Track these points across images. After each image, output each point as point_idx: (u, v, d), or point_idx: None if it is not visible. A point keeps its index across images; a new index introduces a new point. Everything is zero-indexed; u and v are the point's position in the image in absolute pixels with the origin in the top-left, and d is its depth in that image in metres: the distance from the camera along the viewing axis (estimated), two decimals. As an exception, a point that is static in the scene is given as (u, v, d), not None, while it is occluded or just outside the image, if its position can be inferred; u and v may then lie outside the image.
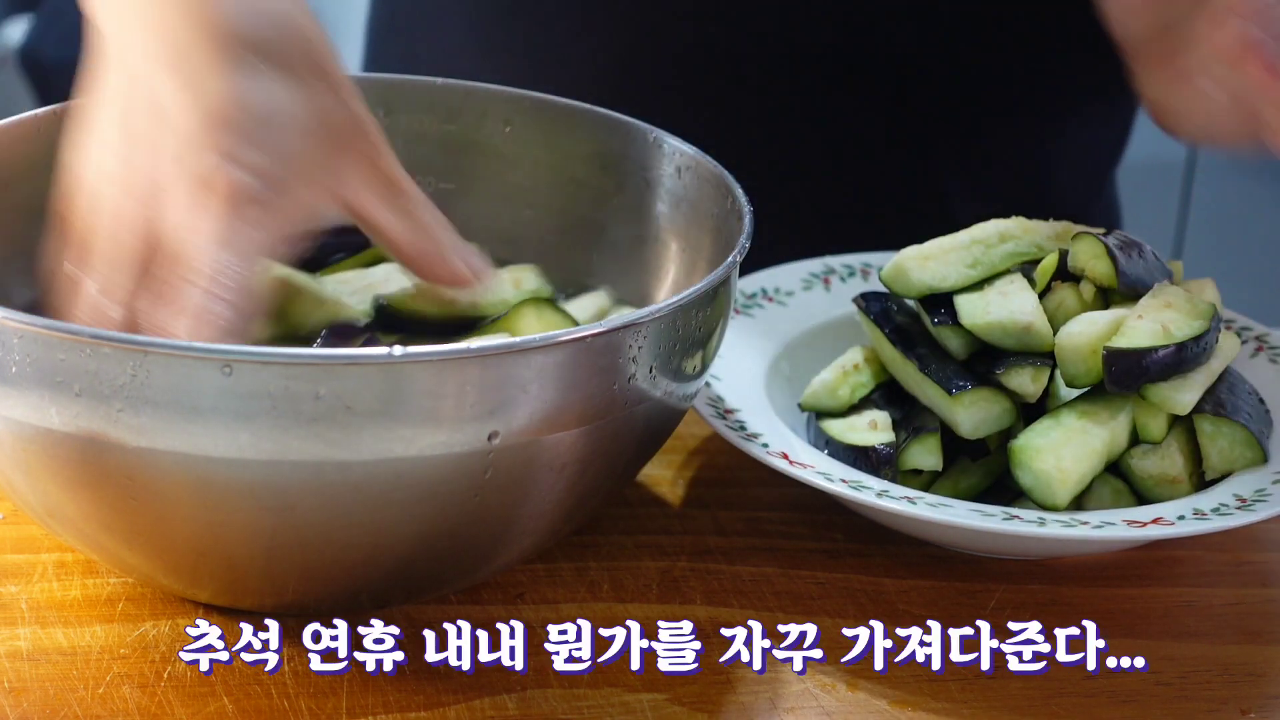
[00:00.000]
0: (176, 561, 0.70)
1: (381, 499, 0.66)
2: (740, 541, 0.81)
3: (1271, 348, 0.90)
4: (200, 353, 0.62)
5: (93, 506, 0.68)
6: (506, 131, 0.89)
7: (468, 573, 0.74)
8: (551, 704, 0.70)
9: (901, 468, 0.82)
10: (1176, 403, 0.80)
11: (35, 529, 0.78)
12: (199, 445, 0.63)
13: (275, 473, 0.64)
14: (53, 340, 0.63)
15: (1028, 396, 0.82)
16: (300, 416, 0.63)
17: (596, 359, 0.67)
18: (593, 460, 0.70)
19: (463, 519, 0.68)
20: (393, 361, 0.63)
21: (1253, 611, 0.79)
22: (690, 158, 0.83)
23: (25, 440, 0.66)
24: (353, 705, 0.70)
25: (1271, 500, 0.78)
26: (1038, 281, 0.85)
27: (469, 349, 0.65)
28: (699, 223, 0.83)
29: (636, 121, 0.86)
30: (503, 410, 0.65)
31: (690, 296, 0.70)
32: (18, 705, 0.69)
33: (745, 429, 0.81)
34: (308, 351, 0.68)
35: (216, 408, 0.63)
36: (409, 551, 0.69)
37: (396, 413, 0.64)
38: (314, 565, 0.69)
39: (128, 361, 0.62)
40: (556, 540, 0.77)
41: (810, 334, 0.91)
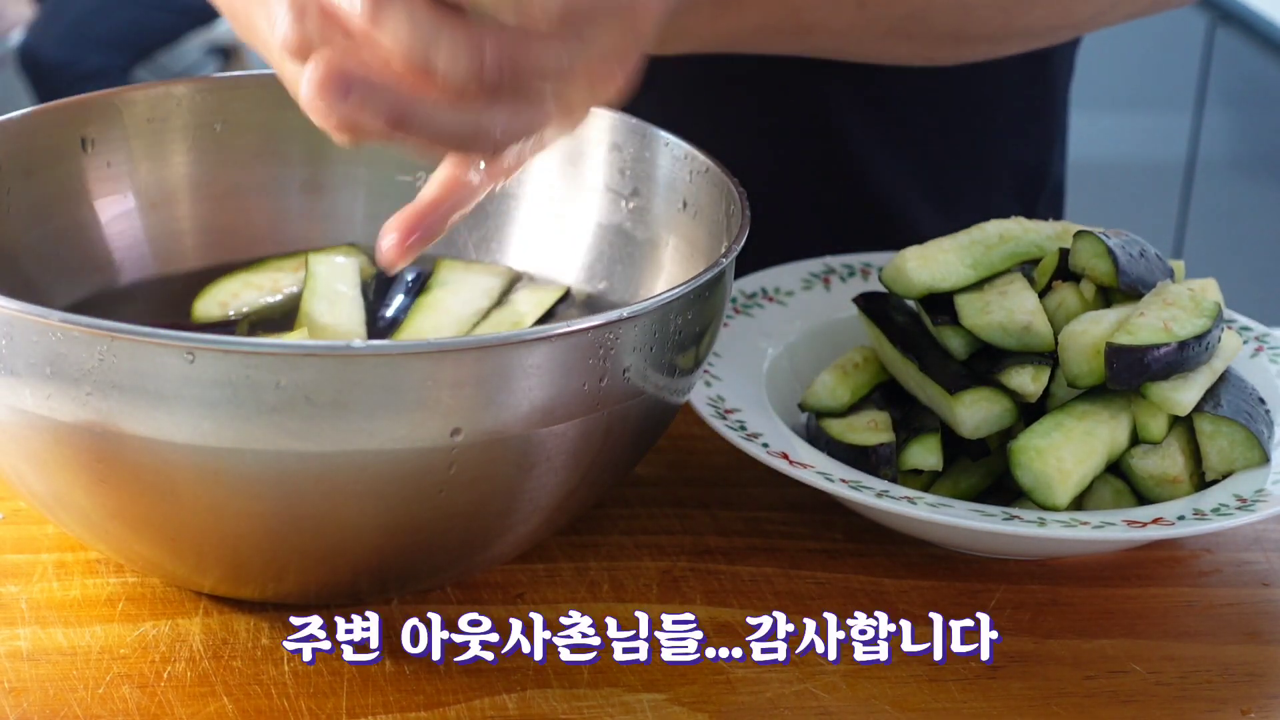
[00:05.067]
0: (150, 543, 0.71)
1: (344, 491, 0.66)
2: (740, 541, 0.81)
3: (1271, 348, 0.90)
4: (164, 339, 0.63)
5: (65, 487, 0.69)
6: None
7: (442, 569, 0.74)
8: (551, 704, 0.70)
9: (901, 468, 0.82)
10: (1177, 403, 0.80)
11: (35, 529, 0.78)
12: (163, 431, 0.64)
13: (238, 461, 0.65)
14: (26, 323, 0.65)
15: (1028, 396, 0.82)
16: (261, 406, 0.64)
17: (567, 357, 0.67)
18: (573, 457, 0.70)
19: (429, 514, 0.69)
20: (352, 354, 0.64)
21: (1253, 611, 0.79)
22: (700, 161, 0.83)
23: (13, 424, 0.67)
24: (352, 705, 0.70)
25: (1271, 500, 0.78)
26: (1038, 281, 0.85)
27: (429, 344, 0.66)
28: (702, 224, 0.83)
29: (648, 124, 0.86)
30: (467, 406, 0.66)
31: (669, 298, 0.70)
32: (18, 705, 0.69)
33: (745, 429, 0.81)
34: (268, 341, 0.69)
35: (180, 394, 0.64)
36: (378, 544, 0.70)
37: (356, 405, 0.64)
38: (281, 556, 0.70)
39: (95, 346, 0.64)
40: (548, 537, 0.78)
41: (810, 334, 0.91)
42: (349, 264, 0.88)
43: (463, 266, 0.89)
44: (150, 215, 0.88)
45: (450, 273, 0.88)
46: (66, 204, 0.85)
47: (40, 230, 0.84)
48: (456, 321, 0.85)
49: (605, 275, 0.88)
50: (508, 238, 0.90)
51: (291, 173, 0.90)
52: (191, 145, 0.88)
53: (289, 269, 0.88)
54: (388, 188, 0.91)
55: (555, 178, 0.89)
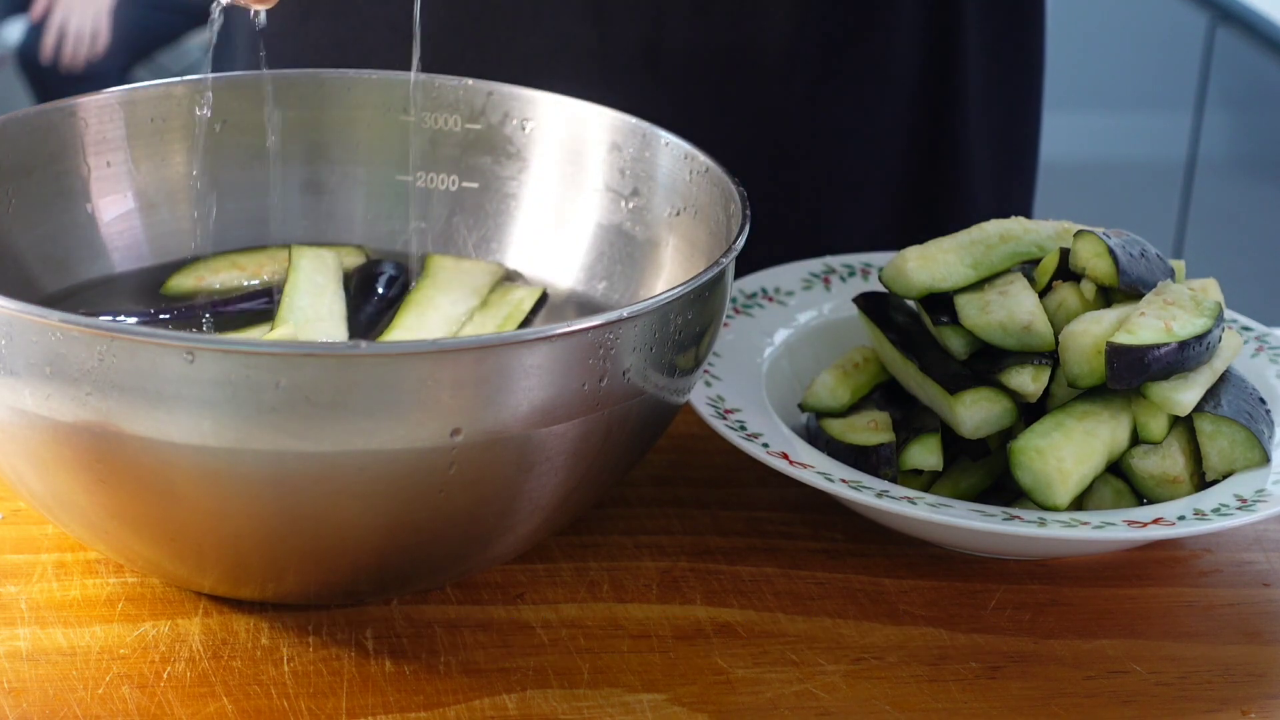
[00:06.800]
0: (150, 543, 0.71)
1: (344, 491, 0.66)
2: (740, 541, 0.81)
3: (1272, 348, 0.90)
4: (164, 339, 0.63)
5: (65, 487, 0.69)
6: (525, 132, 0.89)
7: (442, 569, 0.74)
8: (551, 704, 0.70)
9: (901, 468, 0.82)
10: (1177, 403, 0.80)
11: (35, 529, 0.78)
12: (163, 431, 0.64)
13: (238, 461, 0.65)
14: (26, 323, 0.65)
15: (1028, 396, 0.82)
16: (261, 406, 0.64)
17: (567, 357, 0.67)
18: (573, 458, 0.70)
19: (429, 514, 0.69)
20: (352, 354, 0.64)
21: (1253, 611, 0.79)
22: (700, 161, 0.83)
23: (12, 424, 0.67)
24: (352, 705, 0.70)
25: (1271, 500, 0.78)
26: (1038, 281, 0.85)
27: (429, 344, 0.66)
28: (702, 224, 0.83)
29: (651, 125, 0.86)
30: (467, 406, 0.66)
31: (669, 298, 0.70)
32: (17, 705, 0.69)
33: (745, 429, 0.81)
34: (268, 341, 0.69)
35: (180, 394, 0.64)
36: (378, 544, 0.70)
37: (356, 405, 0.64)
38: (281, 556, 0.70)
39: (95, 346, 0.64)
40: (548, 537, 0.78)
41: (810, 334, 0.91)
42: (331, 257, 0.88)
43: (453, 262, 0.89)
44: (150, 215, 0.88)
45: (440, 269, 0.88)
46: (66, 204, 0.85)
47: (40, 230, 0.84)
48: (446, 320, 0.85)
49: (605, 275, 0.88)
50: (507, 237, 0.90)
51: (291, 173, 0.90)
52: (191, 145, 0.88)
53: (280, 259, 0.89)
54: (388, 188, 0.91)
55: (555, 178, 0.89)
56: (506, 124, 0.89)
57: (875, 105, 1.07)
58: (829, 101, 1.05)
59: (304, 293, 0.85)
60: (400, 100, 0.89)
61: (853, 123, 1.07)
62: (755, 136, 1.05)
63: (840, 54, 1.04)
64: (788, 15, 1.02)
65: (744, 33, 1.02)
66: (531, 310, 0.87)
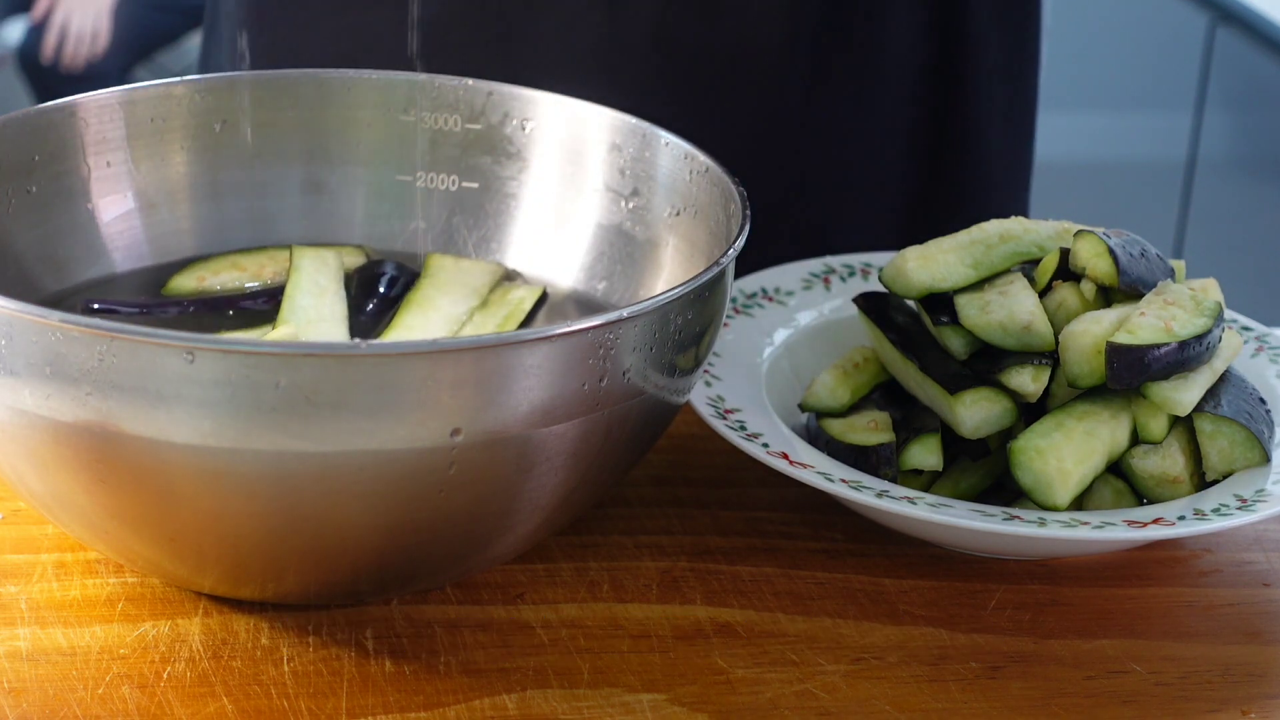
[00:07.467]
0: (150, 543, 0.71)
1: (344, 491, 0.66)
2: (740, 541, 0.81)
3: (1272, 348, 0.90)
4: (164, 339, 0.63)
5: (65, 487, 0.69)
6: (525, 131, 0.89)
7: (442, 569, 0.74)
8: (551, 704, 0.70)
9: (901, 468, 0.82)
10: (1177, 403, 0.80)
11: (35, 529, 0.78)
12: (163, 431, 0.64)
13: (238, 461, 0.65)
14: (26, 323, 0.65)
15: (1028, 396, 0.82)
16: (261, 406, 0.64)
17: (567, 357, 0.67)
18: (573, 458, 0.70)
19: (429, 514, 0.69)
20: (352, 354, 0.64)
21: (1253, 611, 0.79)
22: (700, 161, 0.83)
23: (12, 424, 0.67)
24: (352, 705, 0.70)
25: (1271, 500, 0.78)
26: (1038, 281, 0.85)
27: (429, 344, 0.66)
28: (702, 224, 0.83)
29: (651, 125, 0.86)
30: (467, 406, 0.66)
31: (669, 298, 0.70)
32: (17, 705, 0.69)
33: (745, 429, 0.81)
34: (268, 341, 0.69)
35: (180, 394, 0.64)
36: (378, 544, 0.70)
37: (356, 405, 0.64)
38: (280, 556, 0.70)
39: (95, 346, 0.64)
40: (548, 537, 0.77)
41: (810, 334, 0.91)
42: (332, 257, 0.88)
43: (452, 262, 0.89)
44: (150, 215, 0.88)
45: (440, 269, 0.88)
46: (66, 204, 0.85)
47: (40, 230, 0.84)
48: (446, 320, 0.85)
49: (605, 275, 0.88)
50: (507, 237, 0.90)
51: (291, 173, 0.90)
52: (191, 145, 0.88)
53: (281, 260, 0.89)
54: (388, 188, 0.91)
55: (555, 178, 0.89)
56: (506, 124, 0.89)
57: (874, 104, 1.07)
58: (828, 100, 1.05)
59: (305, 293, 0.85)
60: (400, 100, 0.89)
61: (853, 121, 1.07)
62: (759, 132, 1.05)
63: (839, 53, 1.04)
64: (787, 14, 1.03)
65: (747, 22, 1.02)
66: (531, 310, 0.87)
